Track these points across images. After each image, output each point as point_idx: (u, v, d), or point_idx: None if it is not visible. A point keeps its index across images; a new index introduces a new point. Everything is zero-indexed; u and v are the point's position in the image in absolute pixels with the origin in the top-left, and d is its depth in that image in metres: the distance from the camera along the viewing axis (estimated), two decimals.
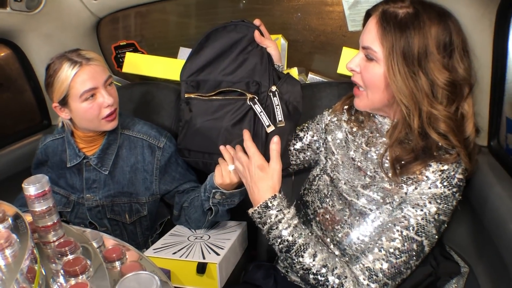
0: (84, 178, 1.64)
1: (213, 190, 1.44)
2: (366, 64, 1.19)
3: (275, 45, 1.47)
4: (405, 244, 1.11)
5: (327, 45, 1.98)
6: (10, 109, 2.17)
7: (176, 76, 2.02)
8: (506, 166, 1.32)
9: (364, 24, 1.24)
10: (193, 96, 1.48)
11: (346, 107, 1.41)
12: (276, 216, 1.18)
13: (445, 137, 1.14)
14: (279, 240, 1.18)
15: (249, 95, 1.39)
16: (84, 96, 1.48)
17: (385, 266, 1.11)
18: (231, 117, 1.40)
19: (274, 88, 1.40)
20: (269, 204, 1.19)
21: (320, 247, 1.17)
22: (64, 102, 1.51)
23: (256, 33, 1.43)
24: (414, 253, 1.12)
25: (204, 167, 1.55)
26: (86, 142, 1.63)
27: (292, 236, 1.16)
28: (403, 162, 1.18)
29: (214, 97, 1.44)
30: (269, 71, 1.42)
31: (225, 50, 1.46)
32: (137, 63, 2.03)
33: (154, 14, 2.24)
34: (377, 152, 1.27)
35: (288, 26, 2.01)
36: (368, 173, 1.27)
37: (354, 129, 1.36)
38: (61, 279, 0.92)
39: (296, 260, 1.15)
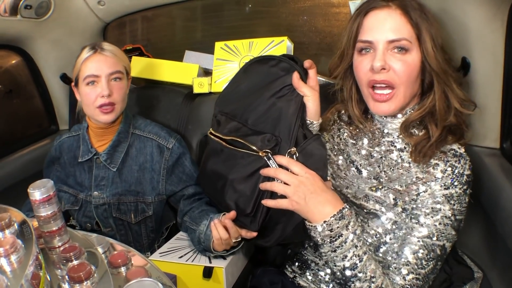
0: (94, 175, 1.67)
1: (207, 253, 1.41)
2: (399, 57, 1.15)
3: (315, 96, 1.22)
4: (430, 252, 1.11)
5: (333, 47, 1.97)
6: (19, 115, 2.19)
7: (181, 80, 2.03)
8: None
9: (359, 23, 1.21)
10: (212, 136, 1.37)
11: (335, 116, 1.42)
12: (353, 228, 1.10)
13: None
14: (349, 254, 1.09)
15: (261, 153, 1.20)
16: (86, 80, 1.57)
17: (415, 278, 1.11)
18: (239, 172, 1.25)
19: (293, 149, 1.19)
20: (345, 213, 1.11)
21: (376, 263, 1.14)
22: (76, 82, 1.63)
23: (295, 75, 1.20)
24: (439, 257, 1.12)
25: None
26: (98, 135, 1.68)
27: (362, 250, 1.10)
28: (426, 145, 1.16)
29: (228, 145, 1.30)
30: (293, 128, 1.20)
31: (260, 86, 1.28)
32: (143, 67, 2.03)
33: (160, 18, 2.25)
34: (382, 151, 1.25)
35: (294, 28, 2.01)
36: (374, 174, 1.25)
37: (354, 133, 1.34)
38: (66, 285, 0.91)
39: (359, 276, 1.09)
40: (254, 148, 1.21)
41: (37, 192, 0.95)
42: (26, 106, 2.23)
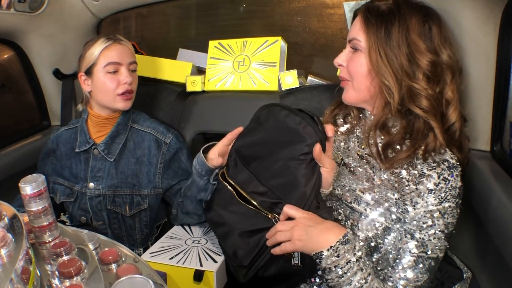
0: (90, 166, 1.68)
1: (210, 181, 1.45)
2: (351, 56, 1.23)
3: (333, 168, 1.18)
4: (425, 265, 1.11)
5: (327, 48, 1.98)
6: (11, 110, 2.18)
7: (175, 77, 2.03)
8: (509, 171, 1.31)
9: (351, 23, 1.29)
10: (223, 180, 1.35)
11: (332, 118, 1.42)
12: (358, 252, 1.09)
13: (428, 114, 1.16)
14: (356, 278, 1.07)
15: (270, 215, 1.20)
16: (107, 68, 1.61)
17: None
18: (244, 223, 1.25)
19: None
20: (349, 237, 1.10)
21: (379, 281, 1.13)
22: (89, 71, 1.64)
23: (317, 148, 1.13)
24: (433, 269, 1.13)
25: None
26: (98, 125, 1.70)
27: (367, 272, 1.09)
28: (390, 148, 1.19)
29: (238, 198, 1.28)
30: (308, 199, 1.16)
31: (279, 142, 1.21)
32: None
33: (154, 15, 2.25)
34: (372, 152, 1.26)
35: (288, 28, 2.01)
36: (366, 176, 1.25)
37: (345, 136, 1.35)
38: (56, 281, 0.91)
39: None
40: (261, 210, 1.22)
41: (28, 186, 0.96)
42: (18, 101, 2.21)
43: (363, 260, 1.10)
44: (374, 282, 1.09)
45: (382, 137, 1.22)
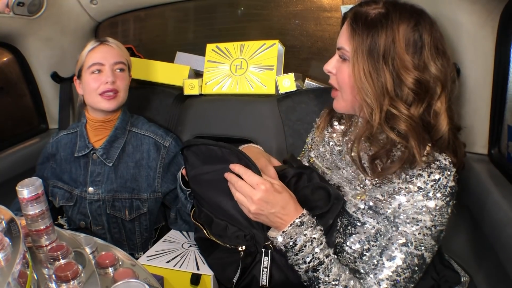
0: (89, 170, 1.68)
1: (189, 198, 1.47)
2: (340, 65, 1.20)
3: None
4: (407, 260, 1.10)
5: (324, 51, 1.99)
6: (9, 113, 2.18)
7: (172, 81, 2.03)
8: (507, 175, 1.31)
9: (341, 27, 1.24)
10: (195, 221, 1.35)
11: (328, 121, 1.41)
12: (311, 233, 1.11)
13: (406, 137, 1.11)
14: (309, 258, 1.11)
15: (240, 247, 1.23)
16: (91, 69, 1.62)
17: (391, 285, 1.10)
18: (220, 253, 1.30)
19: (269, 243, 1.18)
20: (303, 220, 1.11)
21: (342, 267, 1.14)
22: (79, 75, 1.68)
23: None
24: (416, 267, 1.11)
25: None
26: (96, 129, 1.70)
27: (323, 253, 1.11)
28: (378, 160, 1.16)
29: (209, 237, 1.30)
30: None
31: (215, 182, 1.22)
32: (134, 68, 2.01)
33: (152, 18, 2.25)
34: (366, 156, 1.23)
35: (286, 31, 2.01)
36: (357, 179, 1.24)
37: (340, 138, 1.35)
38: (53, 284, 0.91)
39: (322, 279, 1.11)
40: (231, 246, 1.24)
41: (26, 190, 0.96)
42: (16, 104, 2.22)
43: (316, 241, 1.11)
44: (333, 266, 1.11)
45: (371, 147, 1.19)
